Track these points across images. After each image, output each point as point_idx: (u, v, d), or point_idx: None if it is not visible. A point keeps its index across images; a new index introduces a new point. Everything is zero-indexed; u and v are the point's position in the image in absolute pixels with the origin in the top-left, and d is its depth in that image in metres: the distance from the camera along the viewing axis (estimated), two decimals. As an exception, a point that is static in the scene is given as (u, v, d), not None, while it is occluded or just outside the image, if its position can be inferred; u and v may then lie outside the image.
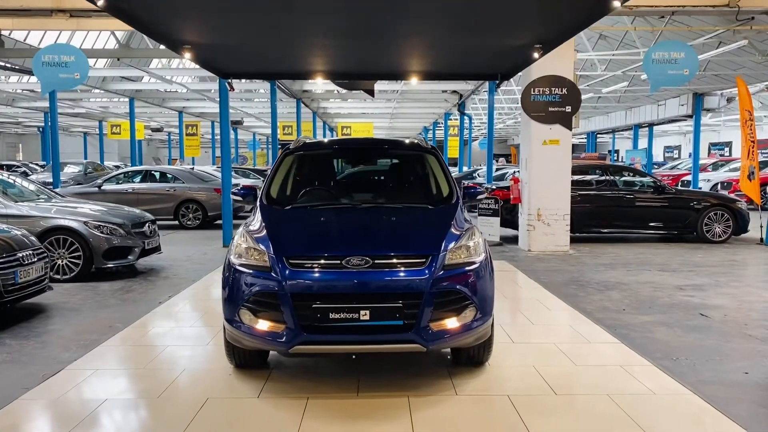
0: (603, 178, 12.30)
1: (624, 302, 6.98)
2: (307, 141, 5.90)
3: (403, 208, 4.87)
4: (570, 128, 10.82)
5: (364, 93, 11.52)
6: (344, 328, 3.90)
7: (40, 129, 37.75)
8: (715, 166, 25.75)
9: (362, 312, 3.86)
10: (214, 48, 7.63)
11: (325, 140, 6.39)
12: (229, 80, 9.67)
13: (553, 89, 10.69)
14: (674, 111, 23.90)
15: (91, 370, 4.70)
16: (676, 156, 41.47)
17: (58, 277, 7.95)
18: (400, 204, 4.95)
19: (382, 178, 6.10)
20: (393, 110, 28.35)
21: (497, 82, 9.49)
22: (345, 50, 8.22)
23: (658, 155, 42.54)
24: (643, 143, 33.37)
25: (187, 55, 7.29)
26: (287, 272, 3.99)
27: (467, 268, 4.16)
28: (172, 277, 8.54)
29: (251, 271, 4.12)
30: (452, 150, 28.05)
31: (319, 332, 3.92)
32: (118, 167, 26.10)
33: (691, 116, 22.78)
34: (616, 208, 11.92)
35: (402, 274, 3.97)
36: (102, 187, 14.85)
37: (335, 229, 4.44)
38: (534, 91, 10.71)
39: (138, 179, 15.29)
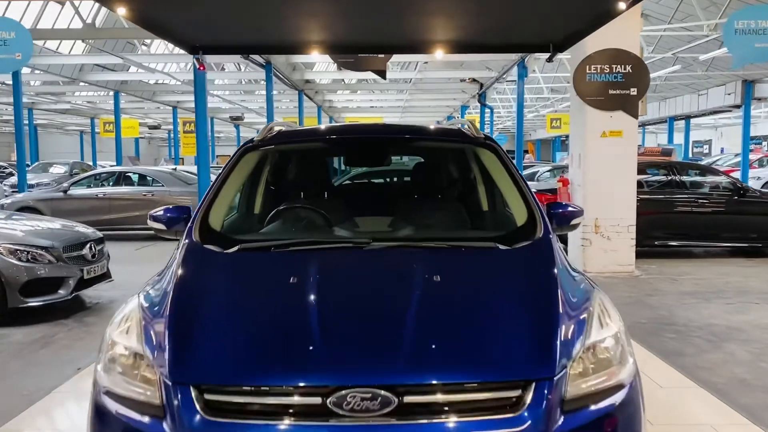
0: (669, 178, 10.00)
1: (762, 366, 4.73)
2: (284, 129, 3.66)
3: (451, 251, 2.62)
4: (636, 116, 8.54)
5: (374, 74, 9.38)
6: None
7: (35, 127, 35.82)
8: (761, 163, 23.39)
9: None
10: (168, 3, 5.45)
11: (312, 127, 4.13)
12: (199, 56, 7.47)
13: (614, 67, 8.41)
14: (719, 101, 21.53)
15: None
16: (706, 151, 38.94)
17: (-43, 321, 5.82)
18: (443, 241, 2.71)
19: (406, 189, 3.87)
20: (405, 103, 26.13)
21: (549, 55, 7.20)
22: (348, 14, 6.03)
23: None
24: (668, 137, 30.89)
25: (121, 10, 5.09)
26: (196, 426, 1.80)
27: (609, 402, 1.93)
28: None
29: (123, 415, 1.93)
30: (470, 146, 25.66)
31: None
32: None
33: (738, 106, 20.43)
34: (688, 216, 9.62)
35: None
36: (68, 192, 12.70)
37: (318, 313, 2.16)
38: (590, 69, 8.42)
39: (111, 182, 13.15)
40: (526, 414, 1.80)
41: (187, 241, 2.70)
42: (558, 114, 27.82)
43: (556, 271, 2.40)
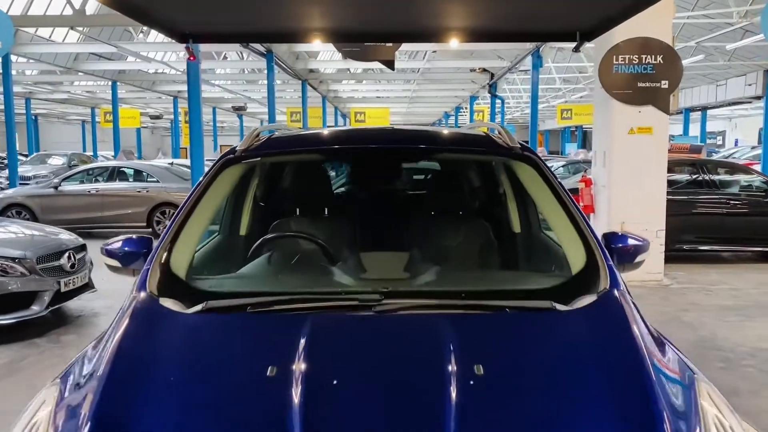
0: (698, 177, 9.29)
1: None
2: (274, 135, 2.97)
3: (492, 318, 1.90)
4: (667, 111, 7.82)
5: (381, 64, 8.70)
6: None
7: (33, 116, 35.22)
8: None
9: None
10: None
11: (309, 133, 3.42)
12: (189, 44, 6.80)
13: (643, 57, 7.69)
14: (738, 92, 20.73)
15: None
16: (720, 143, 38.02)
17: None
18: (479, 298, 2.00)
19: (424, 209, 3.15)
20: (412, 93, 25.39)
21: (575, 44, 6.49)
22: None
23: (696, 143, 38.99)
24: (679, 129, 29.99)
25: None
26: None
27: None
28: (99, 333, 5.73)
29: None
30: (479, 138, 24.84)
31: None
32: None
33: (759, 97, 19.62)
34: (719, 218, 8.92)
35: None
36: (60, 188, 12.07)
37: (304, 419, 1.46)
38: (617, 60, 7.70)
39: (104, 178, 12.51)
40: None
41: (137, 294, 2.04)
42: (569, 105, 27.00)
43: (642, 350, 1.73)
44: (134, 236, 2.54)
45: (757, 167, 18.70)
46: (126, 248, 2.41)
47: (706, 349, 5.25)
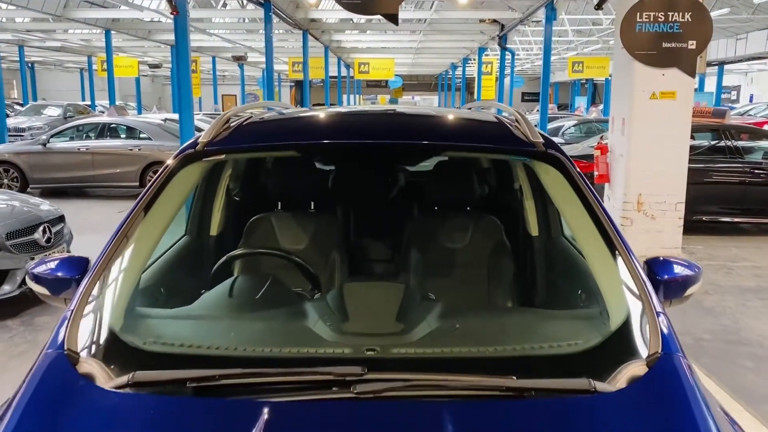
0: (721, 143, 8.72)
1: None
2: (250, 119, 2.44)
3: (514, 406, 1.39)
4: (693, 74, 7.21)
5: (384, 19, 8.04)
6: None
7: (29, 64, 34.32)
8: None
9: None
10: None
11: (289, 117, 2.72)
12: (171, -3, 6.21)
13: (670, 15, 7.03)
14: (759, 47, 19.85)
15: None
16: (734, 98, 36.96)
17: None
18: (493, 367, 1.54)
19: (423, 220, 2.63)
20: (418, 44, 24.48)
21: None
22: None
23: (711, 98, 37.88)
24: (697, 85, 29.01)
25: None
26: None
27: None
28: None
29: None
30: (487, 91, 24.10)
31: None
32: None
33: (781, 53, 18.76)
34: (743, 187, 8.39)
35: None
36: (48, 145, 11.57)
37: None
38: (641, 18, 7.05)
39: (95, 135, 11.98)
40: None
41: (48, 353, 1.59)
42: (581, 57, 26.05)
43: None
44: (69, 256, 2.07)
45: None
46: (58, 274, 1.95)
47: (731, 342, 4.83)
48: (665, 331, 1.59)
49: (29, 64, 33.75)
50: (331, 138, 2.31)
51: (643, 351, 1.56)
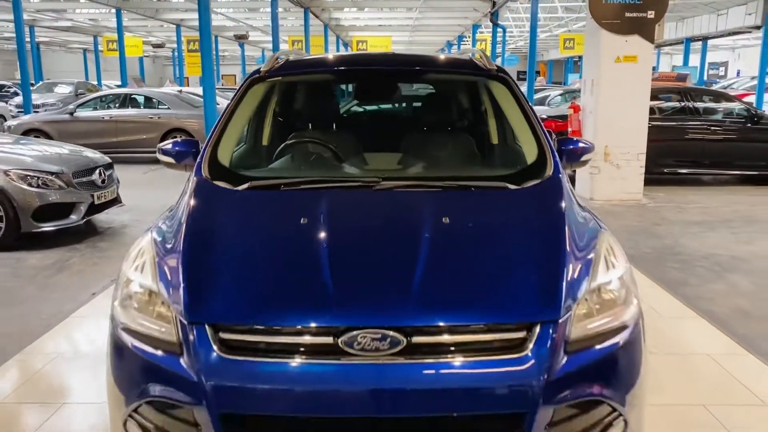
0: (682, 104, 9.81)
1: (764, 296, 4.80)
2: (291, 58, 3.58)
3: (461, 192, 2.60)
4: (652, 40, 8.30)
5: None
6: None
7: (37, 45, 35.12)
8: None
9: None
10: None
11: (320, 57, 3.98)
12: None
13: (632, -13, 8.10)
14: (738, 21, 20.82)
15: None
16: (722, 74, 37.95)
17: (-28, 246, 5.94)
18: (453, 180, 2.67)
19: (415, 122, 3.81)
20: (414, 21, 25.40)
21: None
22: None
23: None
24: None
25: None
26: (212, 363, 1.86)
27: (613, 342, 1.99)
28: (131, 242, 6.44)
29: (141, 350, 2.00)
30: (480, 67, 24.93)
31: None
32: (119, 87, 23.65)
33: (759, 27, 19.75)
34: (699, 143, 9.50)
35: (477, 371, 1.84)
36: (75, 114, 12.63)
37: (329, 255, 2.14)
38: (607, -9, 8.12)
39: (117, 105, 13.03)
40: (530, 354, 1.86)
41: (196, 178, 2.70)
42: (572, 34, 26.97)
43: (564, 211, 2.41)
44: (183, 140, 3.17)
45: (752, 98, 19.08)
46: (178, 148, 3.05)
47: (667, 253, 5.97)
48: (555, 166, 2.72)
49: (37, 45, 34.53)
50: (350, 66, 3.46)
51: (541, 175, 2.70)
